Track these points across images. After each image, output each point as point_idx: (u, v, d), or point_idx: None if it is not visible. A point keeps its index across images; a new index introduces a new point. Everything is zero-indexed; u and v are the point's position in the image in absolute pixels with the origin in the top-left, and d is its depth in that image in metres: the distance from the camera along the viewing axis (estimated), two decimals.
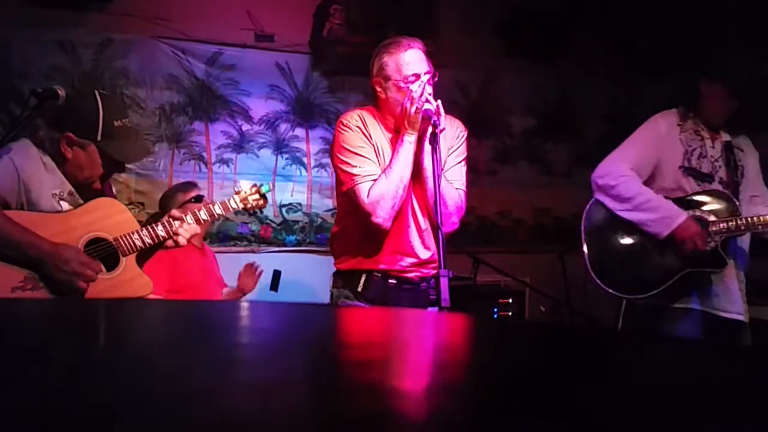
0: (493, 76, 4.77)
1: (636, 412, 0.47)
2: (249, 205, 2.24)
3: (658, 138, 2.62)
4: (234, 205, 2.22)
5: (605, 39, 4.68)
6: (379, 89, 2.25)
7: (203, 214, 2.13)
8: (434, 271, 2.26)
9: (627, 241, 2.60)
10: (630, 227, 2.58)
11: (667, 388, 0.54)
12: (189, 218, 2.10)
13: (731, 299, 2.52)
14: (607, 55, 4.72)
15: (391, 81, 2.21)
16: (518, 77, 4.80)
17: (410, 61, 2.20)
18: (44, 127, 2.06)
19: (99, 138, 2.04)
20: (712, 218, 2.51)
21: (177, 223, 2.09)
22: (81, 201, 2.09)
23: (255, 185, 2.28)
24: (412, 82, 2.17)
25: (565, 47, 4.76)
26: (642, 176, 2.60)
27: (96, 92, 2.09)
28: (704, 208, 2.53)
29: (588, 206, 2.68)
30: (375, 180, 2.16)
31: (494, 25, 4.66)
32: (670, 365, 0.66)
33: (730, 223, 2.48)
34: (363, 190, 2.16)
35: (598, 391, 0.53)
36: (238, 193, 2.25)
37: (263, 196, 2.27)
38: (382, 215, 2.16)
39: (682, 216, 2.48)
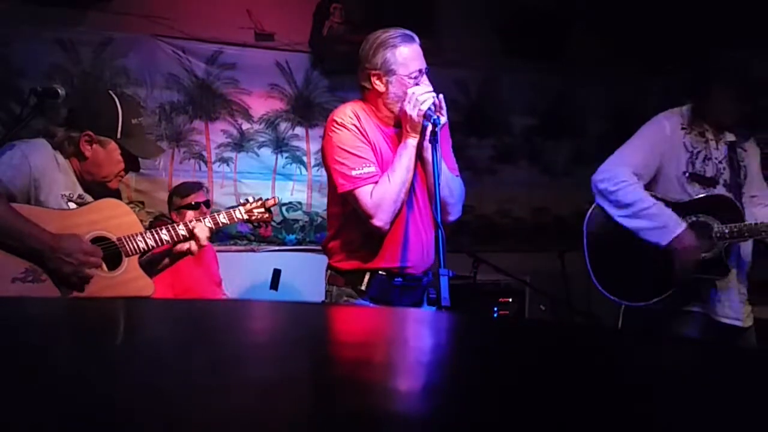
0: (493, 76, 4.77)
1: (634, 410, 0.47)
2: (254, 217, 2.30)
3: (662, 141, 2.52)
4: (239, 216, 2.27)
5: (605, 38, 4.68)
6: (378, 82, 2.17)
7: (208, 222, 2.16)
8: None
9: (630, 246, 2.51)
10: (632, 233, 2.51)
11: (665, 388, 0.54)
12: (194, 225, 2.13)
13: (732, 305, 2.48)
14: (607, 54, 4.71)
15: (396, 76, 2.15)
16: (518, 77, 4.80)
17: (415, 56, 2.17)
18: (62, 129, 2.08)
19: (119, 135, 2.08)
20: (716, 224, 2.45)
21: (182, 228, 2.11)
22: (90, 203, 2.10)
23: (261, 199, 2.34)
24: (416, 78, 2.15)
25: (565, 47, 4.76)
26: (644, 180, 2.51)
27: (110, 92, 2.17)
28: (708, 213, 2.47)
29: (590, 211, 2.61)
30: (376, 183, 2.12)
31: (494, 24, 4.66)
32: (669, 364, 0.66)
33: (734, 229, 2.42)
34: (364, 192, 2.11)
35: (598, 391, 0.53)
36: (243, 204, 2.31)
37: (269, 211, 2.33)
38: (383, 218, 2.12)
39: (680, 227, 2.41)
